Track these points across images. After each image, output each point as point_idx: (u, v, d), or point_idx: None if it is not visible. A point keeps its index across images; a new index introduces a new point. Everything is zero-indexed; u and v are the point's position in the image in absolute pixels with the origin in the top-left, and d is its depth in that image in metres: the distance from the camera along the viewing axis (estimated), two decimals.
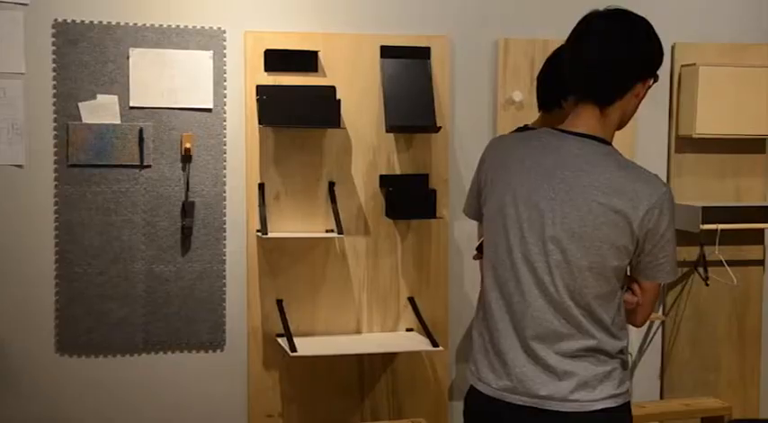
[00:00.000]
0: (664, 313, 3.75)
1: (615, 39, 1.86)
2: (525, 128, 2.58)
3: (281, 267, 3.33)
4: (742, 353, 3.84)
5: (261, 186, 3.28)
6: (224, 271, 3.30)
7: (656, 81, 1.93)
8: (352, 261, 3.39)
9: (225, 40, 3.25)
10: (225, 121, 3.26)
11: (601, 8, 1.93)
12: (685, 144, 3.69)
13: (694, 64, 3.59)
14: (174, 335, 3.28)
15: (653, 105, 3.57)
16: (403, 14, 3.41)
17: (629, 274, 1.95)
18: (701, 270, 3.69)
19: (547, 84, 2.57)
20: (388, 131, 3.32)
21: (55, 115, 3.14)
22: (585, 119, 1.92)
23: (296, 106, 3.17)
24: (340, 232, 3.24)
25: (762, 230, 3.80)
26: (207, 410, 3.34)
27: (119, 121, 3.17)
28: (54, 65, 3.13)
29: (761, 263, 3.84)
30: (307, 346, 3.18)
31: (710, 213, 3.55)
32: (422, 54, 3.36)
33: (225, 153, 3.27)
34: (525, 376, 1.89)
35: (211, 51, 3.23)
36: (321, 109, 3.20)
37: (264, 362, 3.34)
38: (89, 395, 3.24)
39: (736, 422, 1.65)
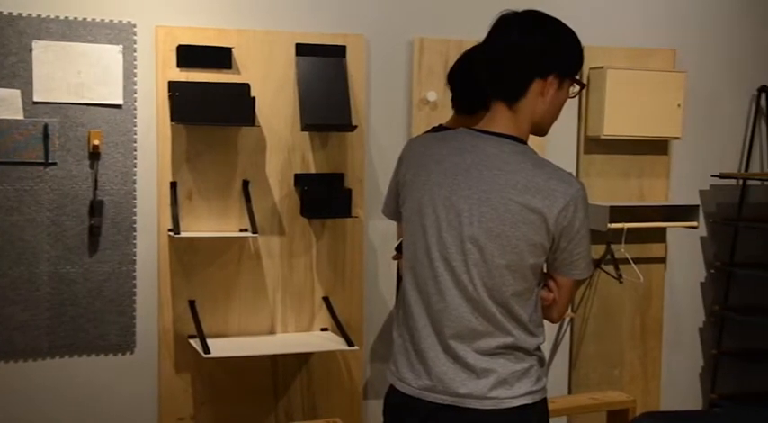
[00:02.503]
0: (573, 310, 3.85)
1: (516, 34, 1.88)
2: (440, 128, 2.59)
3: (193, 267, 3.26)
4: (644, 348, 3.98)
5: (173, 185, 3.20)
6: (134, 271, 3.22)
7: (582, 87, 1.96)
8: (267, 261, 3.35)
9: (135, 35, 3.16)
10: (135, 117, 3.18)
11: (516, 10, 1.95)
12: (594, 145, 3.79)
13: (602, 67, 3.69)
14: (82, 338, 3.17)
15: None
16: (318, 12, 3.39)
17: (545, 271, 1.99)
18: (609, 268, 3.80)
19: (466, 87, 2.58)
20: (303, 130, 3.30)
21: None
22: (499, 118, 1.94)
23: (209, 103, 3.11)
24: (254, 232, 3.20)
25: (664, 229, 3.94)
26: (116, 415, 3.25)
27: (22, 117, 3.05)
28: None
29: (663, 260, 3.99)
30: (220, 348, 3.13)
31: (617, 212, 3.66)
32: (337, 52, 3.35)
33: (135, 150, 3.19)
34: (445, 375, 1.90)
35: (121, 46, 3.14)
36: (235, 106, 3.15)
37: (176, 364, 3.27)
38: None
39: (648, 414, 1.70)
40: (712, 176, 4.02)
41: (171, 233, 3.16)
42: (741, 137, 4.11)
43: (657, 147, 3.88)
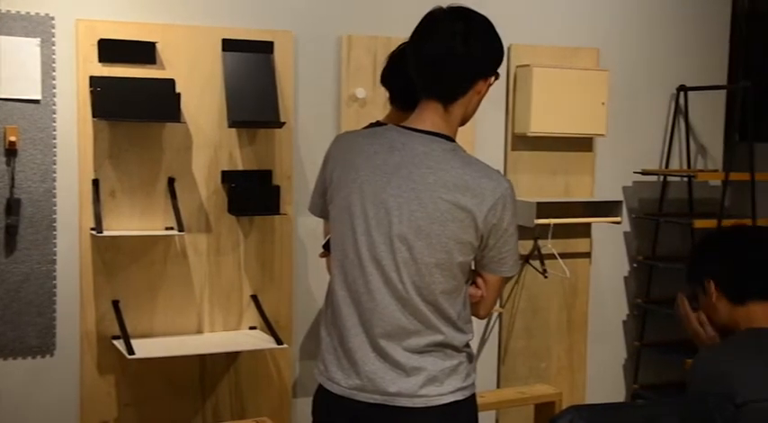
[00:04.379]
0: (501, 305, 3.89)
1: (457, 37, 1.88)
2: (378, 124, 2.56)
3: (117, 267, 3.18)
4: (570, 341, 4.05)
5: (95, 182, 3.12)
6: (54, 271, 3.12)
7: (497, 79, 1.98)
8: (194, 259, 3.29)
9: (54, 28, 3.05)
10: (55, 113, 3.08)
11: (443, 6, 1.95)
12: (520, 142, 3.84)
13: (529, 65, 3.73)
14: None
15: (491, 104, 3.68)
16: (245, 8, 3.34)
17: (473, 268, 2.00)
18: (536, 263, 3.86)
19: (405, 85, 2.54)
20: (230, 126, 3.25)
21: None
22: (430, 116, 1.94)
23: (133, 99, 3.04)
24: (180, 229, 3.14)
25: (589, 224, 4.01)
26: (35, 420, 3.14)
27: None
28: None
29: (588, 255, 4.06)
30: (145, 348, 3.07)
31: (544, 208, 3.71)
32: (265, 48, 3.31)
33: (55, 147, 3.09)
34: (374, 374, 1.89)
35: (39, 39, 3.03)
36: (160, 102, 3.08)
37: (99, 366, 3.19)
38: None
39: (573, 408, 1.72)
40: (635, 173, 4.11)
41: (93, 232, 3.07)
42: (661, 134, 4.22)
43: (582, 144, 3.95)
